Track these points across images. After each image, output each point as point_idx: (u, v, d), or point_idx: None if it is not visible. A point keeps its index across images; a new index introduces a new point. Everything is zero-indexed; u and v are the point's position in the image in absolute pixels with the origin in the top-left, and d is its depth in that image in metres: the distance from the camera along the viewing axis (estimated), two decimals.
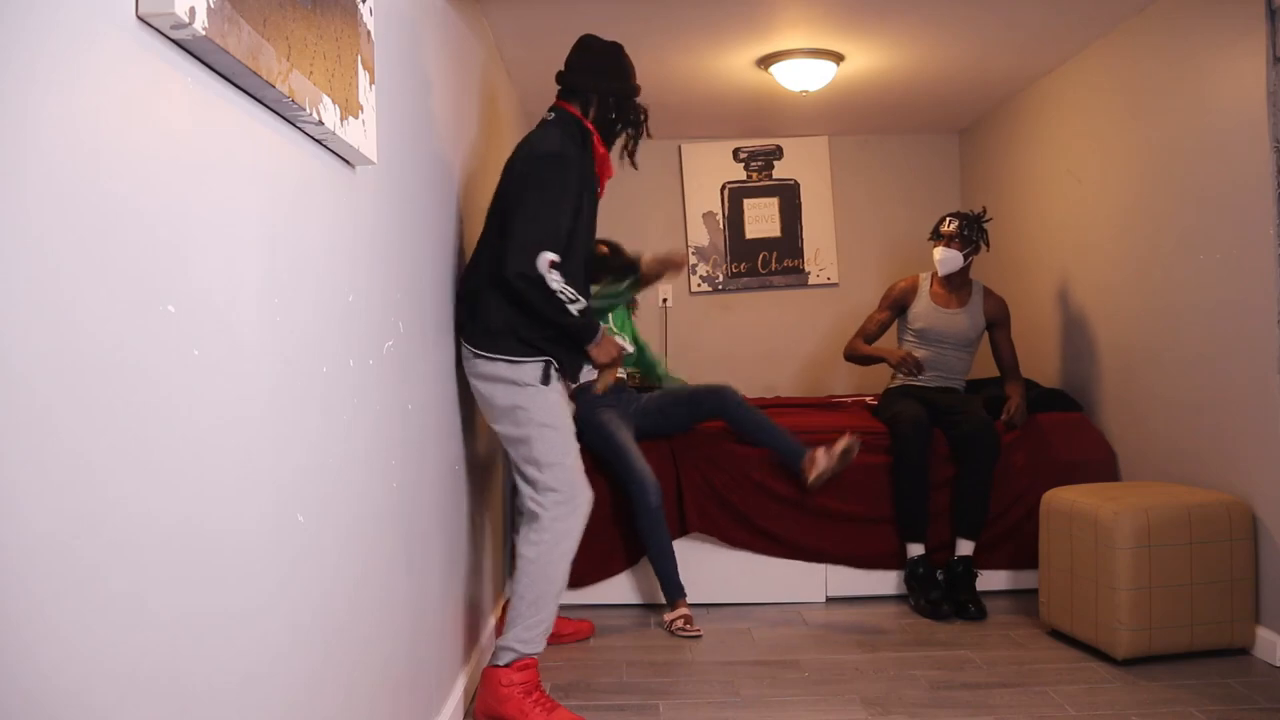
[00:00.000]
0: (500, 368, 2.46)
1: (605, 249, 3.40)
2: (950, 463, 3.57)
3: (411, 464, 2.03)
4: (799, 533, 3.54)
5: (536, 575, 2.46)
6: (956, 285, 3.85)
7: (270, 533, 1.27)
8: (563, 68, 2.71)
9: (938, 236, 3.85)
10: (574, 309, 2.44)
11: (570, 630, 3.19)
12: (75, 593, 0.85)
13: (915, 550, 3.49)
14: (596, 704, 2.60)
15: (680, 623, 3.22)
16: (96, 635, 0.88)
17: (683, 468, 3.52)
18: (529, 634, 2.45)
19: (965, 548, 3.47)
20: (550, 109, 2.67)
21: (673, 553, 3.32)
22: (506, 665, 2.43)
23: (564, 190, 2.44)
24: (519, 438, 2.49)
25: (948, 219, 3.83)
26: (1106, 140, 3.75)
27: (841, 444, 3.26)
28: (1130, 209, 3.58)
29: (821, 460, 3.27)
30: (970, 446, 3.47)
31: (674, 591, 3.30)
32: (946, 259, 3.77)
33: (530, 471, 2.49)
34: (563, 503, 2.47)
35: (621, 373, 3.63)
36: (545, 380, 2.48)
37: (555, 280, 2.39)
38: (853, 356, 3.90)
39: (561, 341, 2.51)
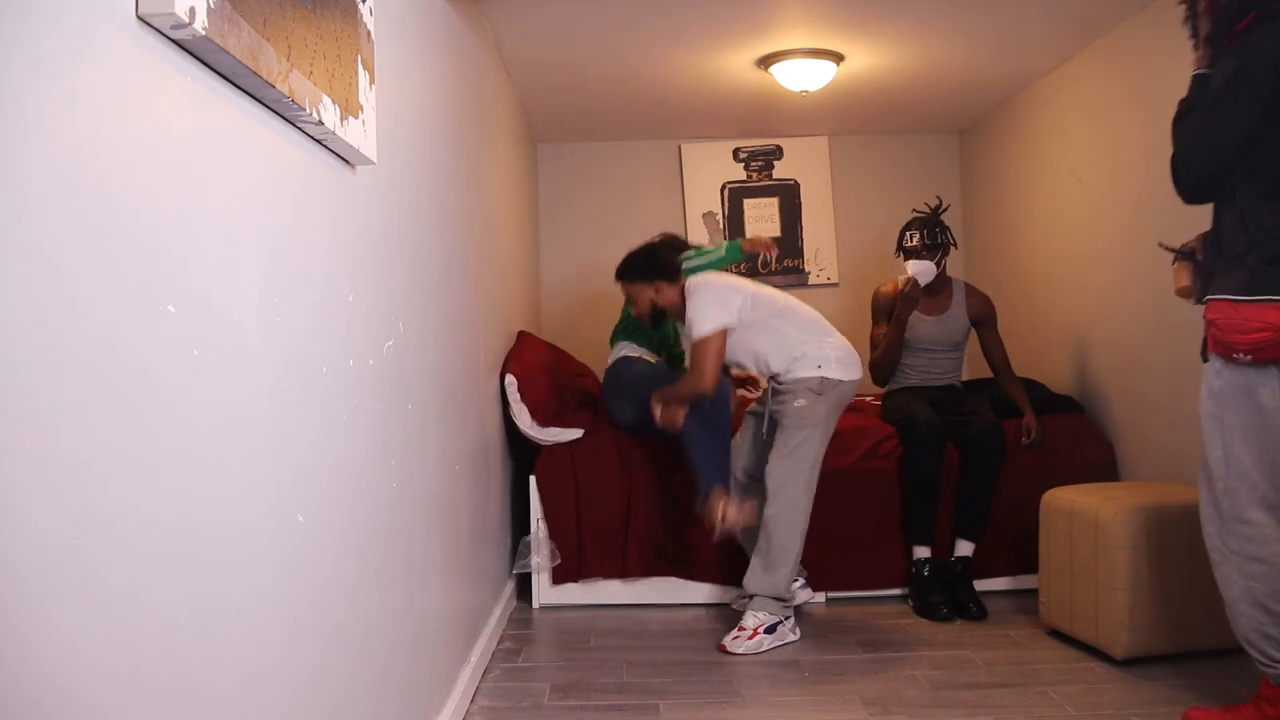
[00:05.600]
0: None
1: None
2: (956, 465, 3.54)
3: (411, 464, 2.03)
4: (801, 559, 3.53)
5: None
6: (935, 290, 3.74)
7: (270, 532, 1.28)
8: None
9: (905, 252, 3.73)
10: None
11: None
12: (75, 593, 0.85)
13: (922, 553, 3.48)
14: (596, 704, 2.60)
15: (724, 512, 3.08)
16: (96, 635, 0.88)
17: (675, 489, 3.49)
18: None
19: (965, 548, 3.46)
20: None
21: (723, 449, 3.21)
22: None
23: None
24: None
25: (908, 233, 3.72)
26: (1107, 140, 3.74)
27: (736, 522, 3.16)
28: (1131, 209, 3.58)
29: (733, 513, 3.13)
30: (977, 448, 3.45)
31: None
32: (922, 270, 3.63)
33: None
34: None
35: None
36: None
37: None
38: (881, 363, 3.77)
39: None
